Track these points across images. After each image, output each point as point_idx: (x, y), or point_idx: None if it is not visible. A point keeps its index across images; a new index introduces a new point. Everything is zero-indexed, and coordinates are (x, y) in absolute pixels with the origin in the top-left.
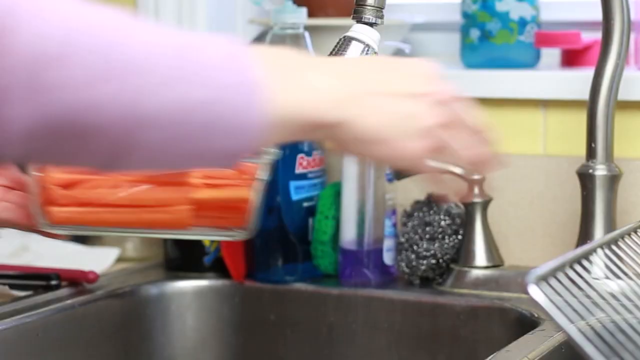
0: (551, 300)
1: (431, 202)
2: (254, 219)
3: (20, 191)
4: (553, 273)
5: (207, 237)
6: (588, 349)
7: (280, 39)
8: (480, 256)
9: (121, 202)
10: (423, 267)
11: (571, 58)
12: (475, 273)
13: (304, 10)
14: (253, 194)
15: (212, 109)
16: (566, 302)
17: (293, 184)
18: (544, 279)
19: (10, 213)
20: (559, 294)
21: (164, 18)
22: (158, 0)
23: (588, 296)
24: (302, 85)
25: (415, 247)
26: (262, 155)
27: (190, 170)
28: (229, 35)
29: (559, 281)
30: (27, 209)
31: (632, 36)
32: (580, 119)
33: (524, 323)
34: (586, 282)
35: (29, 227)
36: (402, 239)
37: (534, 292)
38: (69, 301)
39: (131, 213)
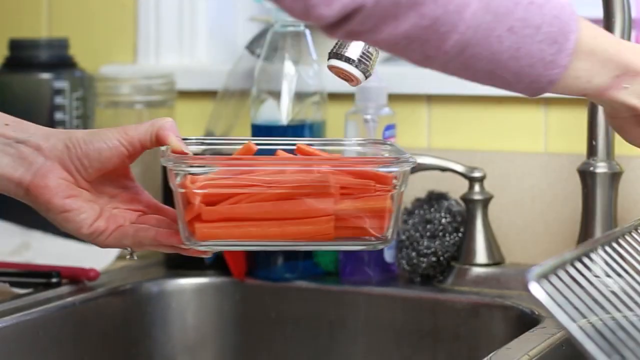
0: (552, 298)
1: (432, 199)
2: (393, 228)
3: (156, 215)
4: (554, 270)
5: (347, 247)
6: (589, 346)
7: (281, 37)
8: (481, 254)
9: (266, 215)
10: (424, 265)
11: None
12: (476, 271)
13: None
14: (392, 204)
15: (536, 10)
16: (567, 299)
17: None
18: (544, 276)
19: (149, 232)
20: (559, 291)
21: (165, 15)
22: None
23: (589, 294)
24: (610, 35)
25: (416, 245)
26: (401, 164)
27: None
28: None
29: (560, 279)
30: (165, 229)
31: (633, 34)
32: (581, 116)
33: (525, 321)
34: (587, 279)
35: (169, 245)
36: (403, 237)
37: (535, 289)
38: (69, 299)
39: (276, 226)
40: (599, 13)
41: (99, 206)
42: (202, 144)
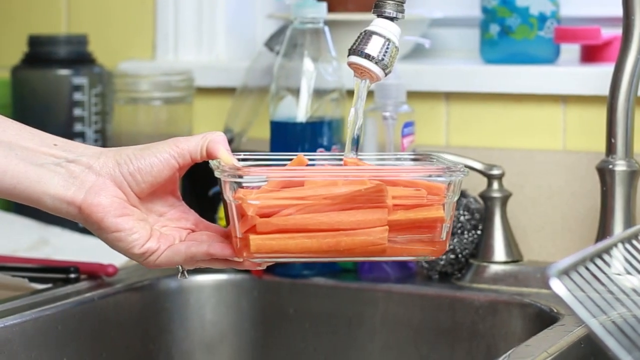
0: (573, 294)
1: None
2: (446, 238)
3: (206, 232)
4: (574, 267)
5: (400, 258)
6: (610, 342)
7: (300, 34)
8: (499, 251)
9: (320, 226)
10: (442, 262)
11: (591, 54)
12: (494, 268)
13: (324, 5)
14: (444, 214)
15: None
16: (587, 296)
17: None
18: (565, 272)
19: (201, 247)
20: (580, 287)
21: (183, 11)
22: None
23: (609, 291)
24: None
25: None
26: (452, 173)
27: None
28: None
29: (581, 275)
30: (214, 243)
31: None
32: (600, 114)
33: (543, 318)
34: (607, 276)
35: (222, 259)
36: None
37: (556, 285)
38: (88, 294)
39: (330, 237)
40: (619, 10)
41: (149, 225)
42: (248, 159)
